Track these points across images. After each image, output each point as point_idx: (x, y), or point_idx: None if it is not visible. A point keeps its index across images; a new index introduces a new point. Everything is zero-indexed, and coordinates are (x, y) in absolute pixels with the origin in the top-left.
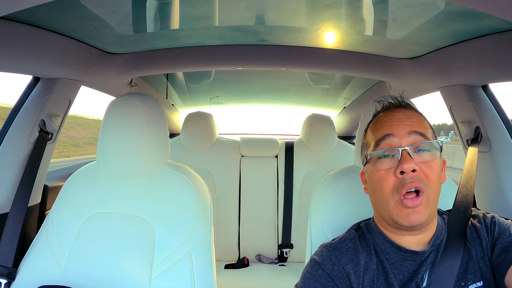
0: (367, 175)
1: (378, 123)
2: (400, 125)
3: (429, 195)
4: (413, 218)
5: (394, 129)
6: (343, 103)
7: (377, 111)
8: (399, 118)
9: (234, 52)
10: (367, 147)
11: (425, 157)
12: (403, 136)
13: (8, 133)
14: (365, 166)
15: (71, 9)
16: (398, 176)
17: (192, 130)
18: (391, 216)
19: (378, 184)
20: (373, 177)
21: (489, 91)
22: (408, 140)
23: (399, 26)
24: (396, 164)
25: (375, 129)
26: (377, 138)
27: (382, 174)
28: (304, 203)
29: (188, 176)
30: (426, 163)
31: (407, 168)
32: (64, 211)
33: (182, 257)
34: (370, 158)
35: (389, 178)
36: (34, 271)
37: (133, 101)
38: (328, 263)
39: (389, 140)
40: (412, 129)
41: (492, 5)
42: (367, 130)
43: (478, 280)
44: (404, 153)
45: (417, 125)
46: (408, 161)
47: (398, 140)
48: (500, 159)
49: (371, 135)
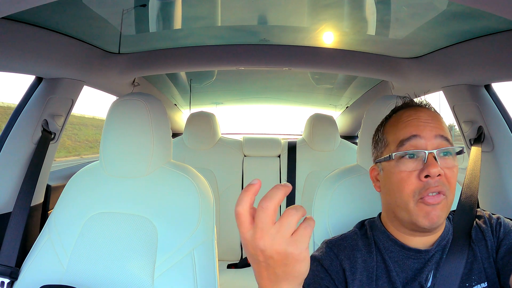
0: (383, 174)
1: (402, 120)
2: (427, 127)
3: (448, 199)
4: (433, 215)
5: (421, 130)
6: (346, 103)
7: (397, 106)
8: (426, 119)
9: (236, 52)
10: (385, 144)
11: (448, 162)
12: (430, 138)
13: (11, 133)
14: (381, 163)
15: (73, 9)
16: (422, 179)
17: (194, 130)
18: (410, 217)
19: (398, 185)
20: (393, 177)
21: (492, 91)
22: (434, 143)
23: (402, 25)
24: (420, 167)
25: (399, 127)
26: (402, 138)
27: (404, 175)
28: (306, 203)
29: (190, 176)
30: (450, 168)
31: (433, 172)
32: (67, 211)
33: (185, 257)
34: (394, 157)
35: (412, 180)
36: (37, 270)
37: (135, 101)
38: (327, 259)
39: (415, 141)
40: (438, 133)
41: (495, 4)
42: (385, 125)
43: (482, 281)
44: (430, 156)
45: (442, 128)
46: (434, 165)
47: (424, 142)
48: (503, 159)
49: (392, 132)
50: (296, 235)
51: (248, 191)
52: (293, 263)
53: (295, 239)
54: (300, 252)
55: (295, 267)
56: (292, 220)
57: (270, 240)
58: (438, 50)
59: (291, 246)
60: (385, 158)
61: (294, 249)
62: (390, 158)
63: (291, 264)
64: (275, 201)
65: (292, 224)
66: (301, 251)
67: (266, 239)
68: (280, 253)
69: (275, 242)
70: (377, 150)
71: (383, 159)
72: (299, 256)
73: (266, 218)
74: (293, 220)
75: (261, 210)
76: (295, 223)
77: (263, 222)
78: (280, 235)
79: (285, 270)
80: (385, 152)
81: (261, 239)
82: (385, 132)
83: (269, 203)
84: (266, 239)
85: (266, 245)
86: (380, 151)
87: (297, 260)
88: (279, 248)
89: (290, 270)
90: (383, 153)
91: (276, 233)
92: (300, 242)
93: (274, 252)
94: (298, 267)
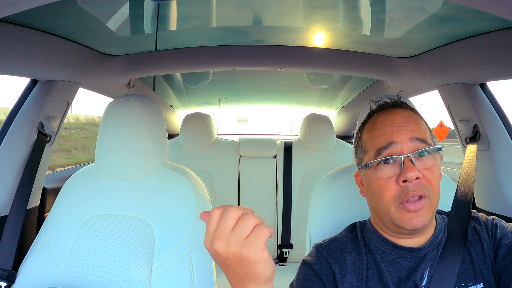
0: (365, 180)
1: (377, 127)
2: (401, 131)
3: (432, 199)
4: (416, 221)
5: (395, 135)
6: (341, 103)
7: (372, 110)
8: (399, 123)
9: (231, 53)
10: (364, 151)
11: (427, 163)
12: (405, 142)
13: (7, 136)
14: (362, 170)
15: (68, 11)
16: (400, 184)
17: (190, 131)
18: (392, 221)
19: (379, 192)
20: (373, 184)
21: (487, 89)
22: (410, 146)
23: (397, 25)
24: (398, 172)
25: (374, 134)
26: (379, 146)
27: (383, 182)
28: (303, 203)
29: (186, 177)
30: (429, 169)
31: (410, 176)
32: (63, 213)
33: (182, 258)
34: (371, 166)
35: (391, 186)
36: (34, 273)
37: (131, 103)
38: (317, 263)
39: (391, 148)
40: (413, 135)
41: (491, 4)
42: (362, 130)
43: (478, 282)
44: (407, 160)
45: (417, 130)
46: (411, 169)
47: (400, 147)
48: (499, 157)
49: (369, 141)
50: (250, 237)
51: (233, 207)
52: (249, 264)
53: (249, 241)
54: (255, 253)
55: (252, 268)
56: (248, 224)
57: (225, 242)
58: (433, 49)
59: (245, 248)
60: (363, 166)
61: (247, 250)
62: (367, 167)
63: (248, 265)
64: (239, 213)
65: (247, 227)
66: (255, 252)
67: (222, 241)
68: (235, 254)
69: (229, 244)
70: (357, 157)
71: (362, 166)
72: (254, 257)
73: (226, 223)
74: (248, 224)
75: (224, 215)
76: (251, 226)
77: (222, 227)
78: (235, 238)
79: (244, 270)
80: (364, 159)
81: (217, 241)
82: (363, 139)
83: (233, 212)
84: (222, 242)
85: (222, 246)
86: (360, 157)
87: (252, 261)
88: (233, 249)
89: (249, 271)
90: (363, 159)
91: (231, 236)
92: (254, 243)
93: (230, 254)
94: (255, 268)
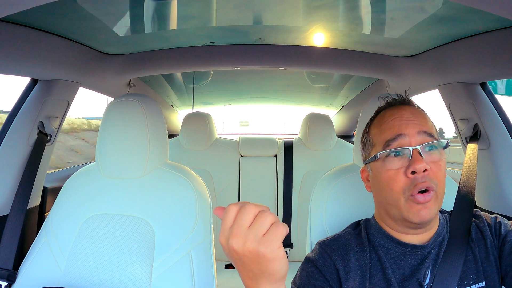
0: (372, 174)
1: (385, 121)
2: (410, 124)
3: (438, 193)
4: (424, 213)
5: (404, 128)
6: (342, 102)
7: (380, 107)
8: (408, 117)
9: (232, 52)
10: (372, 145)
11: (434, 156)
12: (413, 135)
13: (7, 135)
14: (370, 164)
15: (68, 11)
16: (409, 176)
17: (191, 130)
18: (401, 213)
19: (387, 184)
20: (381, 176)
21: (487, 89)
22: (418, 139)
23: (397, 24)
24: (406, 164)
25: (383, 128)
26: (387, 138)
27: (391, 173)
28: (303, 202)
29: (187, 176)
30: (436, 163)
31: (419, 168)
32: (64, 213)
33: (182, 258)
34: (380, 157)
35: (399, 177)
36: (34, 273)
37: (131, 102)
38: (320, 260)
39: (400, 140)
40: (421, 129)
41: (491, 3)
42: (370, 126)
43: (480, 281)
44: (415, 152)
45: (425, 124)
46: (419, 161)
47: (408, 139)
48: (499, 156)
49: (378, 134)
50: (268, 234)
51: (251, 204)
52: (265, 261)
53: (267, 238)
54: (272, 251)
55: (268, 265)
56: (265, 221)
57: (242, 239)
58: (434, 49)
59: (262, 245)
60: (371, 158)
61: (265, 248)
62: (376, 158)
63: (264, 263)
64: (257, 210)
65: (265, 225)
66: (272, 250)
67: (240, 238)
68: (252, 251)
69: (247, 241)
70: (365, 152)
71: (370, 159)
72: (271, 254)
73: (243, 220)
74: (266, 221)
75: (242, 212)
76: (268, 224)
77: (239, 223)
78: (252, 235)
79: (260, 268)
80: (372, 153)
81: (234, 237)
82: (371, 134)
83: (251, 209)
84: (239, 238)
85: (239, 243)
86: (368, 152)
87: (269, 259)
88: (250, 247)
89: (264, 268)
90: (370, 154)
91: (248, 233)
92: (271, 241)
93: (247, 251)
94: (271, 266)
